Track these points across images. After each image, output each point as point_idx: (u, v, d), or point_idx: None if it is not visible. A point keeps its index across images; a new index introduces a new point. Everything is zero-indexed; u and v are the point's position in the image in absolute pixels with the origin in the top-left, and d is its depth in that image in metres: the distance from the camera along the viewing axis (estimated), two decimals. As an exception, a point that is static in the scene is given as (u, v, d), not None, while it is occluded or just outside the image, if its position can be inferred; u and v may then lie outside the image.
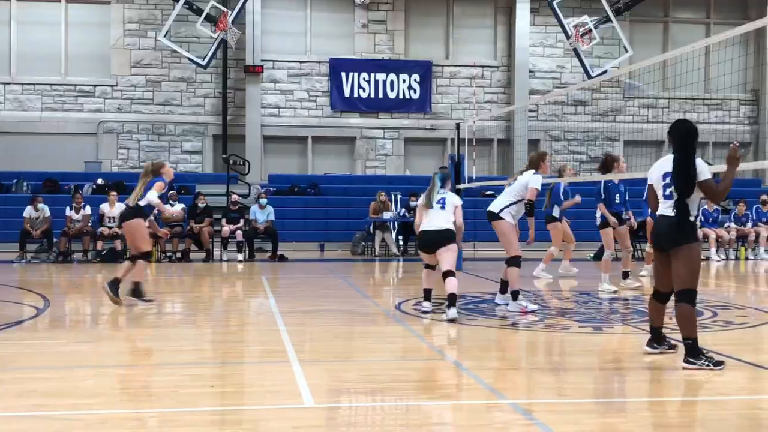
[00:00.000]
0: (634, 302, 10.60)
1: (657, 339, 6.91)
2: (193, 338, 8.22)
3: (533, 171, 10.04)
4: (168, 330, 8.73)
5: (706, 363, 6.32)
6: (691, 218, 6.48)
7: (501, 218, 9.79)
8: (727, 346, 7.42)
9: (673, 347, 6.88)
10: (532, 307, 9.49)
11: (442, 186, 9.32)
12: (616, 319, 9.17)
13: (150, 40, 22.66)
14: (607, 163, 11.97)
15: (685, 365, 6.35)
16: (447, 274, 8.90)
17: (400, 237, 19.88)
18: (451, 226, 9.09)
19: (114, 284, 10.01)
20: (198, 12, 21.08)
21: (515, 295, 9.52)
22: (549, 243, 14.24)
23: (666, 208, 6.64)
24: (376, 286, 13.12)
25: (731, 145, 6.73)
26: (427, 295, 9.54)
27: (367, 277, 15.10)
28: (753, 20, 23.36)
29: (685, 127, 6.77)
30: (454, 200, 9.28)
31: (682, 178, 6.51)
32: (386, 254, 19.11)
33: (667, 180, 6.71)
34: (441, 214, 9.12)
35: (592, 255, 18.78)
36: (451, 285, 8.83)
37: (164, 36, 21.28)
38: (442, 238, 9.03)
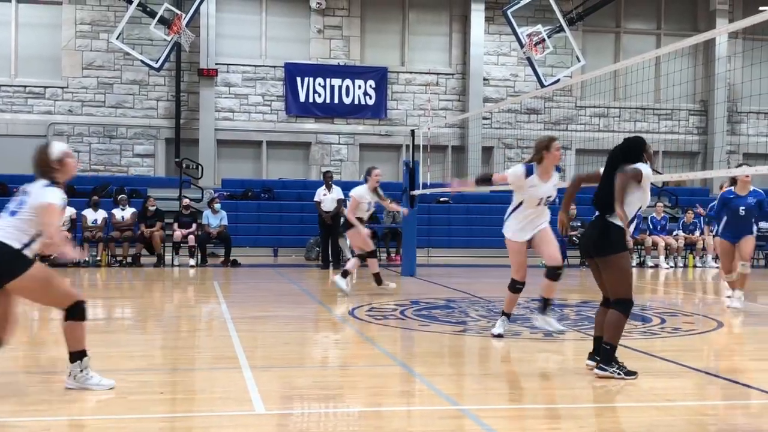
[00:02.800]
0: (585, 309, 10.72)
1: (598, 351, 6.63)
2: (143, 344, 8.11)
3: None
4: (117, 336, 8.61)
5: (618, 371, 6.31)
6: (618, 225, 6.32)
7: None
8: (674, 353, 7.54)
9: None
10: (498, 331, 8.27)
11: None
12: (566, 325, 9.25)
13: (102, 41, 22.37)
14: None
15: (598, 372, 6.32)
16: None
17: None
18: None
19: None
20: (151, 14, 20.87)
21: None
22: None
23: (595, 216, 6.58)
24: (329, 292, 13.08)
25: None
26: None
27: (321, 282, 15.06)
28: (702, 32, 23.85)
29: (624, 143, 6.61)
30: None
31: (603, 194, 6.43)
32: (341, 259, 19.04)
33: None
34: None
35: (543, 262, 18.95)
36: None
37: (117, 38, 21.02)
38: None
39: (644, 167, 6.42)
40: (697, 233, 19.46)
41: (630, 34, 25.46)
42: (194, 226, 18.07)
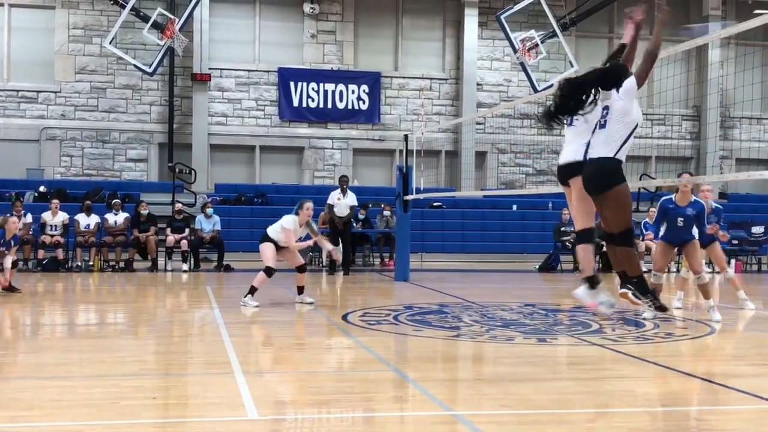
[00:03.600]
0: (578, 314, 10.72)
1: (627, 280, 6.51)
2: (136, 349, 8.08)
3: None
4: (110, 341, 8.58)
5: (650, 302, 6.34)
6: (618, 158, 6.31)
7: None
8: (667, 358, 7.55)
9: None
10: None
11: None
12: (560, 330, 9.26)
13: (95, 46, 22.33)
14: None
15: (632, 298, 6.36)
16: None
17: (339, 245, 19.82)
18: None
19: None
20: (145, 19, 20.84)
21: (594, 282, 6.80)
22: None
23: (595, 147, 6.47)
24: (322, 297, 13.06)
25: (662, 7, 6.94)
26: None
27: (314, 287, 15.03)
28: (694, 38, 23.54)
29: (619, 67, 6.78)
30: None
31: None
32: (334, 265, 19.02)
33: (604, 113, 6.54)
34: None
35: (537, 266, 18.99)
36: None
37: (110, 42, 20.99)
38: None
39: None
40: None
41: (623, 39, 25.50)
42: (187, 230, 18.03)
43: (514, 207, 22.25)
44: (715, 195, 24.07)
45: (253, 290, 11.20)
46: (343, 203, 17.49)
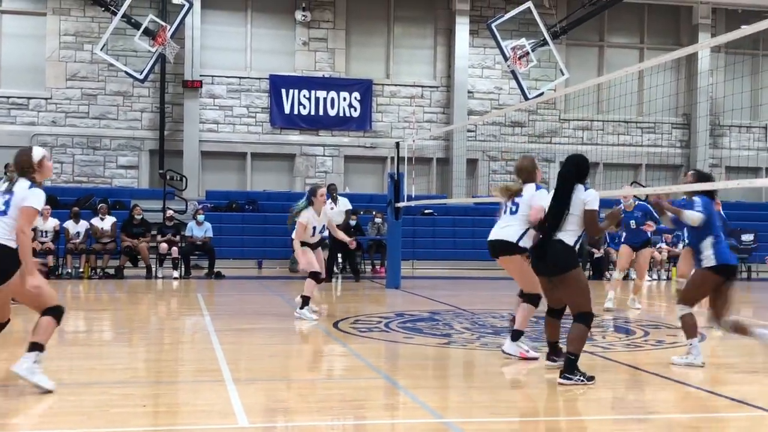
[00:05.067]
0: (567, 323, 10.72)
1: (555, 352, 7.29)
2: (126, 357, 8.06)
3: (533, 184, 7.85)
4: (100, 348, 8.56)
5: (580, 378, 6.53)
6: (571, 245, 6.75)
7: (519, 250, 7.73)
8: (657, 366, 7.57)
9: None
10: (533, 354, 7.75)
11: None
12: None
13: (86, 52, 22.29)
14: None
15: (561, 381, 6.51)
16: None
17: (339, 255, 19.83)
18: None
19: None
20: (136, 26, 20.82)
21: (516, 336, 7.81)
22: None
23: (541, 238, 6.90)
24: (313, 304, 13.03)
25: (616, 207, 7.57)
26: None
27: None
28: (685, 46, 24.02)
29: (573, 160, 7.00)
30: None
31: (555, 209, 6.79)
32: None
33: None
34: None
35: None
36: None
37: (101, 49, 20.95)
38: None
39: (594, 195, 6.83)
40: (680, 246, 19.44)
41: (613, 47, 25.63)
42: (178, 237, 18.00)
43: (505, 214, 22.29)
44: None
45: (305, 300, 10.53)
46: (336, 212, 17.42)
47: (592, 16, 23.35)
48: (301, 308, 10.50)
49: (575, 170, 6.88)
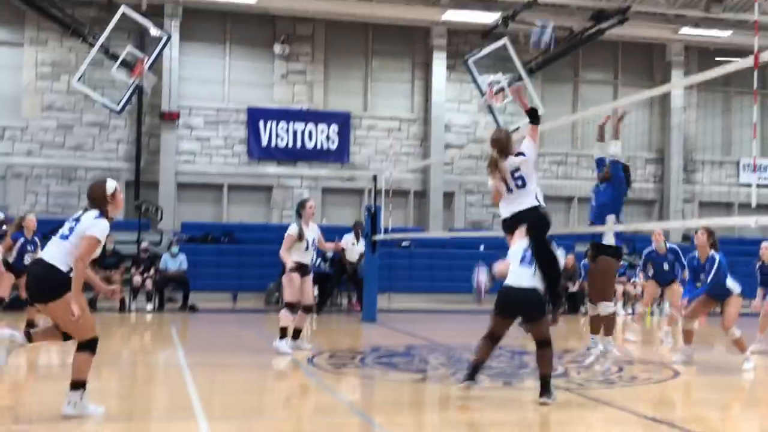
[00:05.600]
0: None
1: (475, 372, 7.56)
2: (97, 392, 7.95)
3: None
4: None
5: (554, 398, 7.13)
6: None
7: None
8: (633, 402, 7.58)
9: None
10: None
11: None
12: (526, 373, 9.27)
13: (63, 83, 22.21)
14: None
15: (546, 401, 7.06)
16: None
17: (316, 287, 19.76)
18: None
19: None
20: (114, 57, 20.79)
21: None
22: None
23: (519, 278, 7.28)
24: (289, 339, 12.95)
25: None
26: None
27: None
28: (658, 82, 24.28)
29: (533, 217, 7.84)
30: None
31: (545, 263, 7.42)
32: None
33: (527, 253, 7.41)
34: None
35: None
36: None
37: (78, 80, 20.90)
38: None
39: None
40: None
41: (588, 83, 25.94)
42: (152, 269, 17.87)
43: (482, 247, 22.30)
44: (679, 238, 24.37)
45: (283, 332, 10.38)
46: (356, 249, 17.65)
47: (567, 53, 23.67)
48: (279, 339, 10.34)
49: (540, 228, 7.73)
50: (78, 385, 6.37)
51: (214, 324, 15.16)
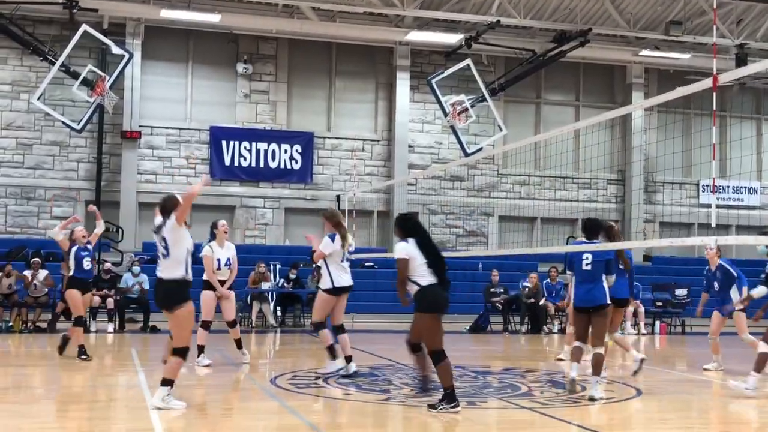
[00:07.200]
0: (507, 376, 10.76)
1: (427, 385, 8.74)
2: (55, 415, 7.80)
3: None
4: (29, 406, 8.27)
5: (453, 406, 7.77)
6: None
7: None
8: (595, 421, 7.60)
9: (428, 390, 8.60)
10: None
11: None
12: (489, 393, 9.26)
13: (23, 102, 21.95)
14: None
15: (444, 407, 7.71)
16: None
17: (278, 308, 19.65)
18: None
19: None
20: (74, 75, 20.62)
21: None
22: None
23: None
24: (251, 359, 12.84)
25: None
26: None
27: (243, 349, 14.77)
28: (619, 104, 24.64)
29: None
30: None
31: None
32: (263, 325, 18.83)
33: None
34: None
35: (467, 327, 19.07)
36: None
37: (38, 99, 20.68)
38: None
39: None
40: None
41: (550, 104, 26.21)
42: (113, 290, 17.63)
43: (445, 268, 22.41)
44: (640, 257, 24.65)
45: (200, 349, 11.17)
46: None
47: (529, 74, 23.94)
48: (198, 356, 11.04)
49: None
50: (167, 382, 7.64)
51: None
